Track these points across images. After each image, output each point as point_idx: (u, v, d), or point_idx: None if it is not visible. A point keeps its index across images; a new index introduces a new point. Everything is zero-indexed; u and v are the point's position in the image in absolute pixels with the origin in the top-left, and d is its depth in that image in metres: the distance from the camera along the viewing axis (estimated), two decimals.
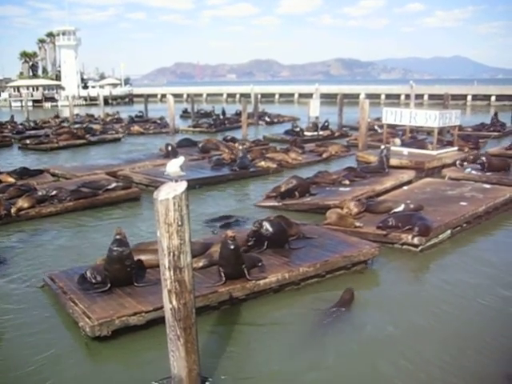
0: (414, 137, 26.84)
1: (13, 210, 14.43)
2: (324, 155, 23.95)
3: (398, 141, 24.37)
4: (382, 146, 19.96)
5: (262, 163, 21.01)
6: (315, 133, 32.13)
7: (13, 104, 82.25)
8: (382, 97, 75.81)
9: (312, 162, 23.03)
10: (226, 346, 7.71)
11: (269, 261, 9.90)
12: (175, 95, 52.16)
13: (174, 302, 5.99)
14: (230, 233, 9.03)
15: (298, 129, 32.61)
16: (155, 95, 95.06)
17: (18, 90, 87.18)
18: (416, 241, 11.41)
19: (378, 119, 33.60)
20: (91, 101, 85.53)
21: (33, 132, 38.07)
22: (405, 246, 11.59)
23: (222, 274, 8.99)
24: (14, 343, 8.00)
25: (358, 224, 12.34)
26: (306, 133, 32.24)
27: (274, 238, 10.51)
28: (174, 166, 6.43)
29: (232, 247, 8.86)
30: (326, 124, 34.12)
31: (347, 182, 16.79)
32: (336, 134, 32.99)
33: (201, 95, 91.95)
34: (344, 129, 35.42)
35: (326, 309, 8.76)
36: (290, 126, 34.42)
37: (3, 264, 11.24)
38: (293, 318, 8.71)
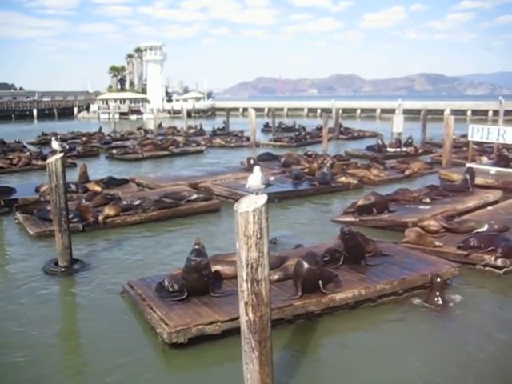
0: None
1: (100, 218, 15.04)
2: (406, 172, 23.43)
3: (485, 159, 23.57)
4: (468, 165, 19.33)
5: (343, 179, 20.87)
6: (398, 149, 31.57)
7: (101, 116, 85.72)
8: (469, 113, 73.54)
9: (394, 179, 22.54)
10: (300, 361, 7.70)
11: (345, 277, 9.82)
12: (256, 109, 52.82)
13: (251, 315, 6.01)
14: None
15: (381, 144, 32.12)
16: (237, 109, 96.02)
17: (107, 103, 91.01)
18: (499, 263, 10.93)
19: (464, 136, 32.62)
20: (175, 114, 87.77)
21: (119, 143, 39.83)
22: (487, 268, 11.12)
23: (300, 288, 8.97)
24: (94, 347, 8.32)
25: (437, 243, 12.02)
26: (388, 149, 31.66)
27: (351, 253, 10.46)
28: (255, 179, 6.53)
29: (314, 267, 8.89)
30: (410, 140, 33.51)
31: (428, 200, 16.35)
32: (420, 150, 32.24)
33: (282, 109, 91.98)
34: (427, 145, 34.60)
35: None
36: (371, 142, 33.96)
37: (88, 270, 11.74)
38: (369, 335, 8.60)
